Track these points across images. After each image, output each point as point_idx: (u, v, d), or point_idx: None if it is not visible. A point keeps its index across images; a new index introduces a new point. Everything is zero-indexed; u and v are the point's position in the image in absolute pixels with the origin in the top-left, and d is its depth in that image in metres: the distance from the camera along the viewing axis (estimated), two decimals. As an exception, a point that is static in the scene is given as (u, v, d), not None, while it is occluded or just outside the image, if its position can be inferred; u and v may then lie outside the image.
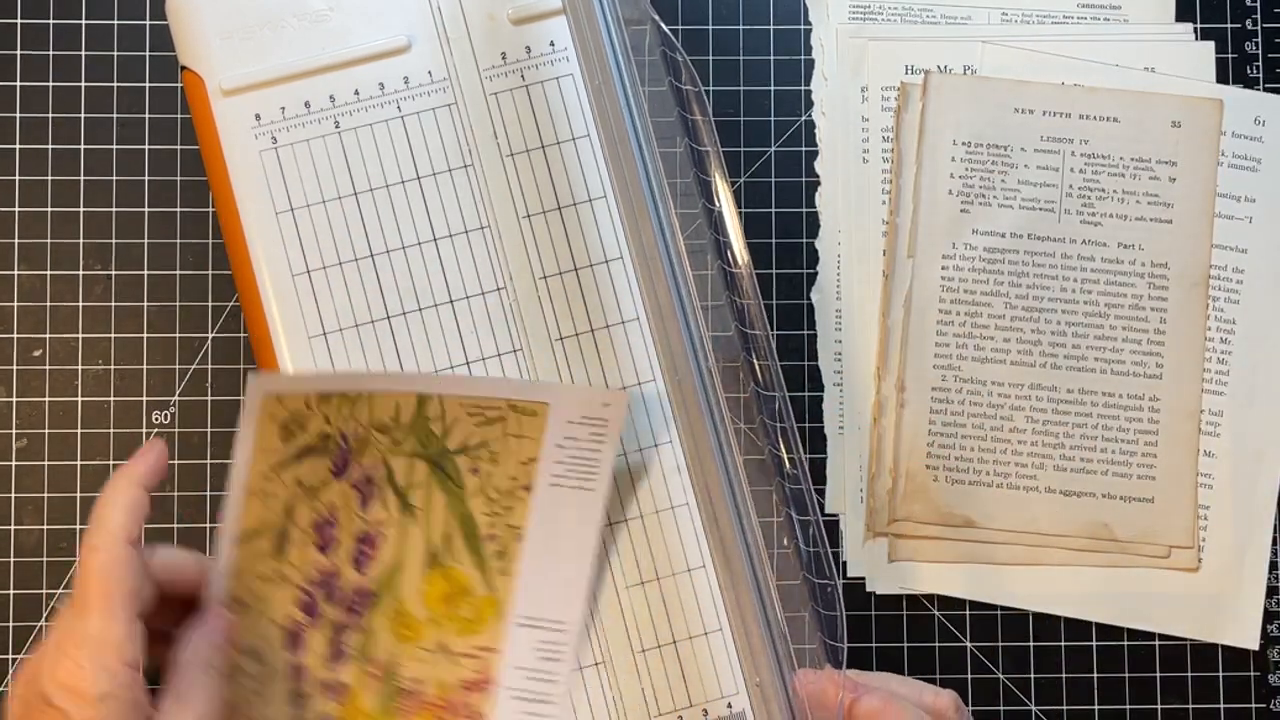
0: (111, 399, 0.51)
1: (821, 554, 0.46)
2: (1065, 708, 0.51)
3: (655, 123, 0.47)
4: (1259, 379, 0.52)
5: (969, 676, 0.51)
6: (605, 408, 0.45)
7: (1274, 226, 0.52)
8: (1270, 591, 0.52)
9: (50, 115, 0.52)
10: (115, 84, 0.52)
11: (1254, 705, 0.51)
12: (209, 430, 0.51)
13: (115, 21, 0.52)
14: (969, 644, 0.51)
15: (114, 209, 0.52)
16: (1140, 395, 0.51)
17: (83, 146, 0.52)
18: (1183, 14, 0.53)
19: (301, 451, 0.45)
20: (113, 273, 0.52)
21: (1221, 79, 0.53)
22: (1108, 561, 0.51)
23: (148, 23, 0.52)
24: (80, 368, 0.51)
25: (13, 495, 0.51)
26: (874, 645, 0.51)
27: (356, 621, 0.46)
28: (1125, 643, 0.52)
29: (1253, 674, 0.52)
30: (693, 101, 0.48)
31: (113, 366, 0.51)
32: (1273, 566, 0.52)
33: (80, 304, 0.52)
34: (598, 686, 0.48)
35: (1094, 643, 0.52)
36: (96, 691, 0.36)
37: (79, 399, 0.51)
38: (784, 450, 0.46)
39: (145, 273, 0.52)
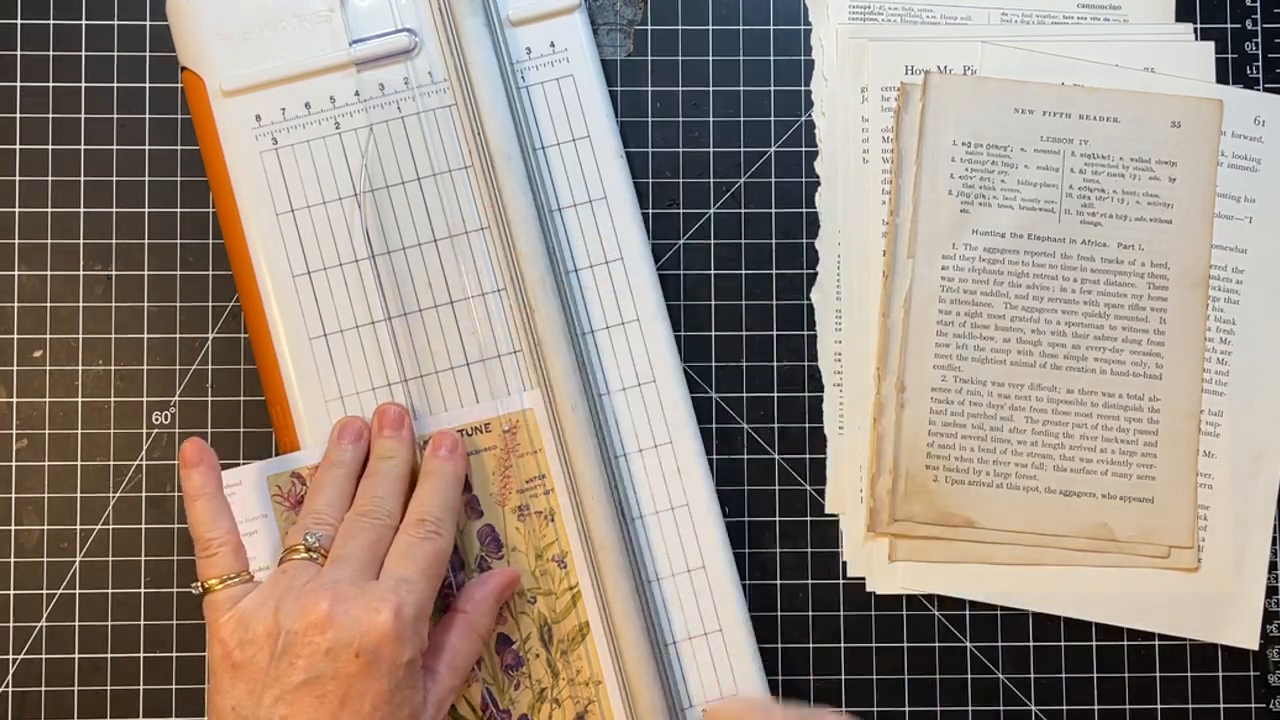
0: (111, 399, 0.51)
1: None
2: (1065, 708, 0.51)
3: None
4: (1259, 379, 0.52)
5: (969, 676, 0.51)
6: None
7: (1274, 226, 0.52)
8: (1270, 591, 0.52)
9: (50, 115, 0.52)
10: (115, 84, 0.52)
11: (1254, 705, 0.51)
12: (209, 430, 0.51)
13: (115, 22, 0.52)
14: (969, 644, 0.51)
15: (114, 209, 0.52)
16: (1140, 395, 0.51)
17: (83, 147, 0.52)
18: (1183, 14, 0.53)
19: None
20: (113, 273, 0.52)
21: (1221, 79, 0.53)
22: (1107, 561, 0.51)
23: (148, 23, 0.52)
24: (80, 368, 0.51)
25: (13, 495, 0.51)
26: (874, 645, 0.51)
27: None
28: (1125, 643, 0.52)
29: (1252, 674, 0.52)
30: None
31: (113, 367, 0.51)
32: (1272, 566, 0.52)
33: (80, 304, 0.52)
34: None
35: (1094, 643, 0.52)
36: None
37: (79, 399, 0.51)
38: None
39: (145, 273, 0.52)
